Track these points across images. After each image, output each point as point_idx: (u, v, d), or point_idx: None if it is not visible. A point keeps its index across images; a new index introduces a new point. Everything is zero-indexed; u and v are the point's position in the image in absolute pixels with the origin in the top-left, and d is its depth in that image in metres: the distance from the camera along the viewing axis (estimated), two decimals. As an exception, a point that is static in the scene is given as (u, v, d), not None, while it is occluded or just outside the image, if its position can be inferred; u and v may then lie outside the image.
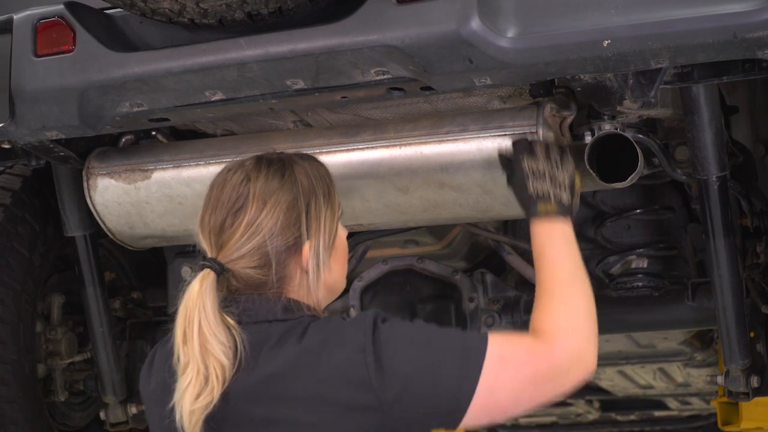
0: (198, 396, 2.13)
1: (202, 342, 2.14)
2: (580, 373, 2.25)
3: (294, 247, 2.26)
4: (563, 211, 2.47)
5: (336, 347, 2.15)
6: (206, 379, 2.13)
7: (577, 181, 2.60)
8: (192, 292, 2.18)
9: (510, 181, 2.63)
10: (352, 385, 2.12)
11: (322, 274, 2.30)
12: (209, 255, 2.27)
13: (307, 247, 2.27)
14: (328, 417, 2.13)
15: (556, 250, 2.41)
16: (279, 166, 2.32)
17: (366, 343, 2.14)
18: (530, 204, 2.49)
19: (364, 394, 2.11)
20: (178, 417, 2.15)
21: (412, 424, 2.15)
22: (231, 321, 2.18)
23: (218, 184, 2.34)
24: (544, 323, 2.27)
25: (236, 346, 2.16)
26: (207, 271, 2.21)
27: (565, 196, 2.49)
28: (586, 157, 2.79)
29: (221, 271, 2.23)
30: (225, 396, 2.15)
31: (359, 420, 2.12)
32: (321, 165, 2.40)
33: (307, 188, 2.30)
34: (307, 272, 2.28)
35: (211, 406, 2.13)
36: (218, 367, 2.14)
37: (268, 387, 2.15)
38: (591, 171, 2.79)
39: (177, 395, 2.16)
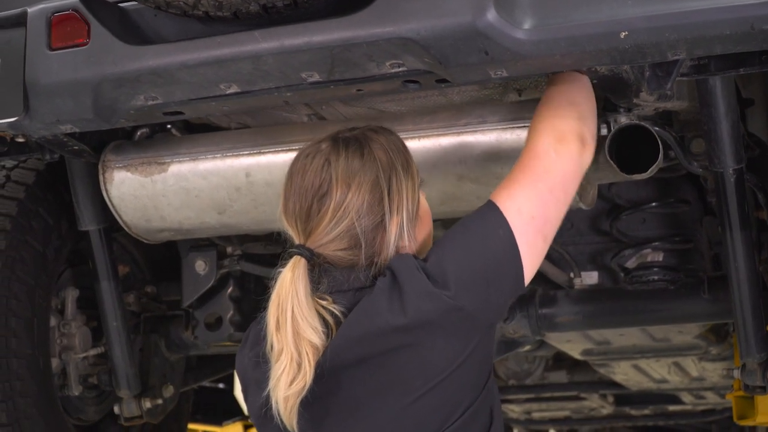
0: (292, 382, 2.18)
1: (295, 328, 2.19)
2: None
3: (381, 225, 2.30)
4: None
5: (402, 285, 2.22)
6: (299, 365, 2.18)
7: None
8: (284, 280, 2.23)
9: None
10: (425, 298, 2.18)
11: (408, 246, 2.34)
12: (297, 241, 2.31)
13: (393, 224, 2.30)
14: (420, 335, 2.19)
15: None
16: (357, 145, 2.34)
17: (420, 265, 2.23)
18: None
19: (439, 303, 2.18)
20: (273, 404, 2.20)
21: (488, 308, 2.24)
22: (323, 302, 2.23)
23: (298, 170, 2.35)
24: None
25: (329, 326, 2.21)
26: (297, 258, 2.26)
27: None
28: (606, 149, 2.78)
29: (311, 257, 2.27)
30: (318, 370, 2.20)
31: (449, 323, 2.19)
32: (395, 136, 2.43)
33: (387, 164, 2.33)
34: (394, 246, 2.31)
35: (305, 390, 2.18)
36: (311, 351, 2.18)
37: (354, 331, 2.20)
38: (611, 162, 2.78)
39: (272, 382, 2.21)
